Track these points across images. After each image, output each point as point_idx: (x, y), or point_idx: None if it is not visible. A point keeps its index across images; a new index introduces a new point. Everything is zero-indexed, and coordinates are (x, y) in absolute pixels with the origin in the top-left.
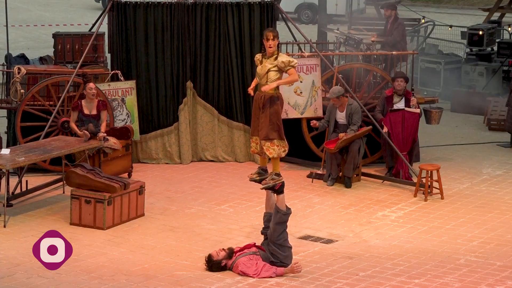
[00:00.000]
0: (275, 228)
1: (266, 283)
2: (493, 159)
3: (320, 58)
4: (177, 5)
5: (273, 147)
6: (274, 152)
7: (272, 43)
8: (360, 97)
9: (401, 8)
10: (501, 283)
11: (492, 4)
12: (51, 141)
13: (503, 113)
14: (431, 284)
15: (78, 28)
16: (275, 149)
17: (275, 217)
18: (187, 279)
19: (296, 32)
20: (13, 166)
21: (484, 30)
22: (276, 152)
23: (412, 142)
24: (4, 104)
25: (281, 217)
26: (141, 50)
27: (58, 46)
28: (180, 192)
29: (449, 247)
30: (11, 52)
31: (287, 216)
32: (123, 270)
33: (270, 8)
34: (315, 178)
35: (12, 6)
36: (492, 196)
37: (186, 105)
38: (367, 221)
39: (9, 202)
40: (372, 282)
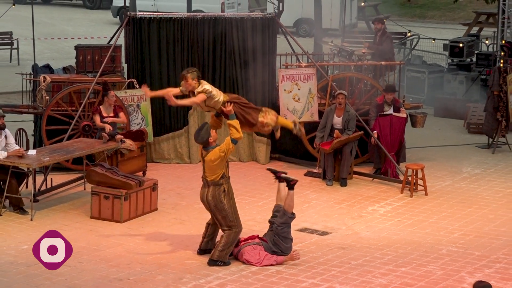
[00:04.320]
0: (280, 225)
1: (267, 271)
2: (472, 159)
3: (316, 68)
4: (187, 19)
5: (267, 116)
6: (270, 118)
7: (187, 84)
8: (352, 102)
9: (389, 22)
10: (479, 271)
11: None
12: (73, 143)
13: (481, 117)
14: (416, 272)
15: (97, 41)
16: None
17: (282, 217)
18: (196, 267)
19: (294, 44)
20: (39, 165)
21: (464, 43)
22: (270, 118)
23: (399, 144)
24: (31, 110)
25: (287, 219)
26: (155, 60)
27: (80, 57)
28: (190, 189)
29: (432, 239)
30: (37, 63)
31: (291, 219)
32: (138, 259)
33: (271, 23)
34: (311, 177)
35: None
36: (472, 193)
37: (195, 111)
38: (358, 215)
39: (36, 198)
40: (363, 270)
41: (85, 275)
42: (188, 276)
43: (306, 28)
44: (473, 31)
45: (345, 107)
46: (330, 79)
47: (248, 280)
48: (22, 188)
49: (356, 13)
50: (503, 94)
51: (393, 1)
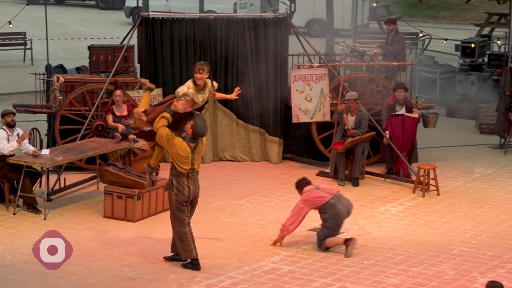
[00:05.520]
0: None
1: (279, 270)
2: (484, 159)
3: (328, 68)
4: (199, 20)
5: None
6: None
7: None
8: (364, 103)
9: (401, 23)
10: (491, 271)
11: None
12: (87, 142)
13: (493, 118)
14: (428, 272)
15: (110, 41)
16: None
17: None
18: (209, 266)
19: (306, 44)
20: (52, 164)
21: (476, 43)
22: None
23: (411, 144)
24: (45, 109)
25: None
26: (167, 60)
27: (93, 57)
28: (202, 189)
29: (444, 239)
30: (50, 63)
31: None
32: (151, 259)
33: (283, 23)
34: (323, 176)
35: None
36: (483, 193)
37: (208, 110)
38: (370, 215)
39: (49, 197)
40: (375, 270)
41: (98, 274)
42: (200, 275)
43: (318, 28)
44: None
45: (358, 107)
46: (342, 79)
47: (261, 280)
48: (36, 187)
49: (368, 14)
50: None
51: (405, 1)
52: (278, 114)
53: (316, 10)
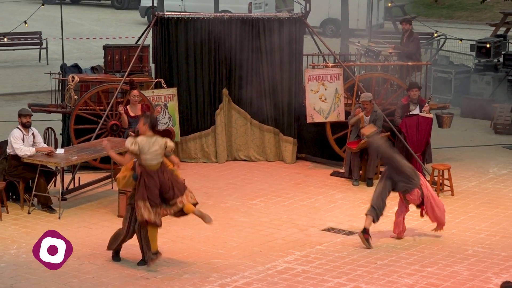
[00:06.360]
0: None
1: (293, 270)
2: (498, 159)
3: (342, 68)
4: (214, 19)
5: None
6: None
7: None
8: (379, 103)
9: (416, 23)
10: (505, 271)
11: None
12: (101, 142)
13: (508, 118)
14: (442, 272)
15: (125, 40)
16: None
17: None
18: (222, 266)
19: (321, 44)
20: (67, 164)
21: (491, 43)
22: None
23: (425, 144)
24: (60, 109)
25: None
26: (182, 60)
27: (108, 57)
28: (216, 188)
29: (458, 239)
30: (66, 62)
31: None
32: (165, 258)
33: (298, 23)
34: (337, 176)
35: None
36: (498, 193)
37: (222, 110)
38: (384, 215)
39: (64, 196)
40: (389, 270)
41: (112, 273)
42: (214, 275)
43: (333, 28)
44: (500, 32)
45: (373, 107)
46: (356, 79)
47: (274, 280)
48: (50, 186)
49: (383, 14)
50: None
51: (420, 1)
52: (292, 114)
53: (331, 10)
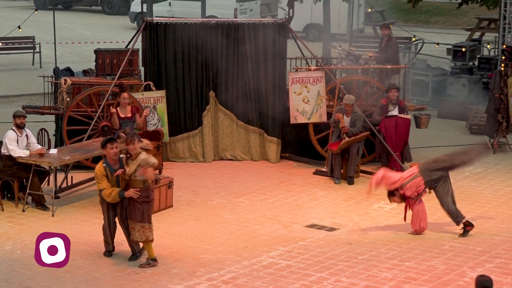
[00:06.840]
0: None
1: (277, 265)
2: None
3: (324, 71)
4: (201, 25)
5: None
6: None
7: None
8: (359, 104)
9: (395, 28)
10: (480, 265)
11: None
12: (93, 142)
13: (482, 119)
14: (420, 266)
15: (116, 45)
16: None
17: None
18: (209, 261)
19: (304, 48)
20: (60, 163)
21: (467, 47)
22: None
23: (404, 144)
24: (53, 111)
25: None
26: (170, 64)
27: (99, 61)
28: (204, 187)
29: (435, 235)
30: (58, 66)
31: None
32: (155, 253)
33: (281, 28)
34: (319, 175)
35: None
36: (473, 191)
37: (209, 112)
38: (365, 212)
39: (57, 195)
40: (369, 265)
41: (103, 269)
42: (202, 269)
43: (315, 33)
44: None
45: (353, 108)
46: (338, 82)
47: (259, 274)
48: (44, 185)
49: (363, 19)
50: (503, 97)
51: (399, 7)
52: (276, 115)
53: (313, 15)
